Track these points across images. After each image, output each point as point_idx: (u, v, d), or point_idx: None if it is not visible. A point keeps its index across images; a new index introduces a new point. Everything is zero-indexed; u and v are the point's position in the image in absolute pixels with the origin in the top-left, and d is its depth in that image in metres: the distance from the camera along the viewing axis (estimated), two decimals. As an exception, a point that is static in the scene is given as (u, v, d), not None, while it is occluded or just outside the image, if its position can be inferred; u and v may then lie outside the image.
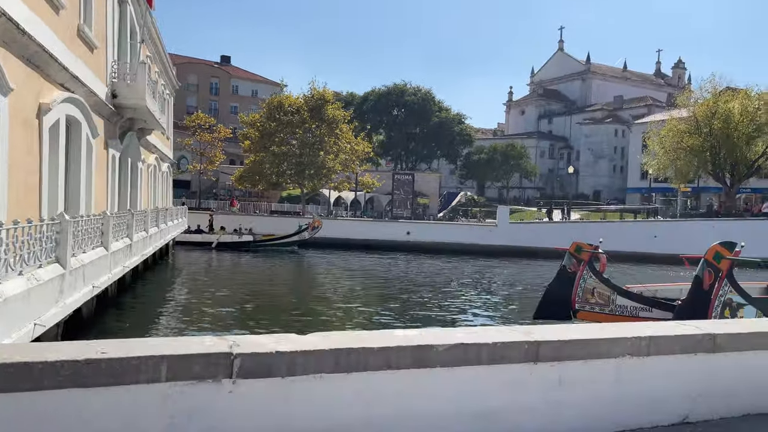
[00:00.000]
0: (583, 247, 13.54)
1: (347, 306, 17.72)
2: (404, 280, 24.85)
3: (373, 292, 21.34)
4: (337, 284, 23.39)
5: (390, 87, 69.65)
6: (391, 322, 15.12)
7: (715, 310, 10.31)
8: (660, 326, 3.72)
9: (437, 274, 27.88)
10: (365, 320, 15.37)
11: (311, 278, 26.45)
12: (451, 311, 17.19)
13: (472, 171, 71.67)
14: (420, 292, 21.02)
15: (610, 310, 13.25)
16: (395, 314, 16.41)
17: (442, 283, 24.10)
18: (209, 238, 37.07)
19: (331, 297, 20.01)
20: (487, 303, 19.25)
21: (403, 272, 28.76)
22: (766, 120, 46.84)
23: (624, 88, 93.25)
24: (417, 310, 17.19)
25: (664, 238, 39.13)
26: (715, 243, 10.47)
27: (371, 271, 28.39)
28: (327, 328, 13.45)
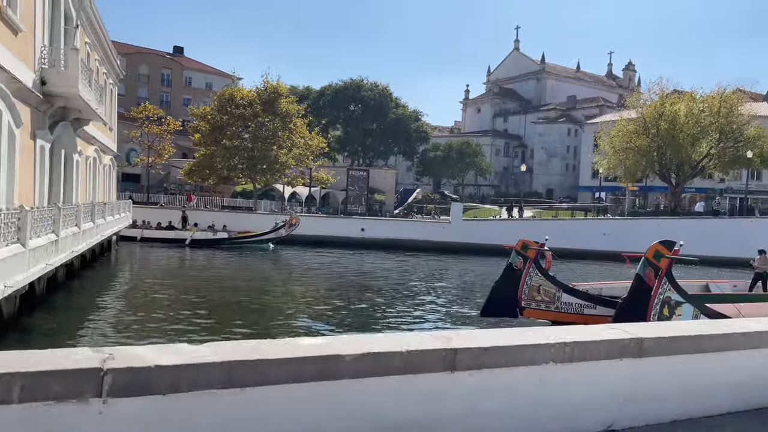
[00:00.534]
0: (530, 245, 13.60)
1: (294, 307, 17.30)
2: (355, 278, 24.63)
3: (322, 292, 21.03)
4: (288, 283, 22.97)
5: (347, 82, 69.15)
6: (337, 323, 14.85)
7: (654, 308, 10.45)
8: (586, 331, 3.60)
9: (389, 272, 27.77)
10: (310, 322, 15.02)
11: (261, 276, 25.93)
12: (396, 310, 16.96)
13: (429, 168, 72.00)
14: (369, 290, 20.82)
15: (555, 308, 13.35)
16: (341, 315, 16.11)
17: (393, 281, 23.97)
18: (182, 235, 36.38)
19: (278, 298, 19.53)
20: (433, 301, 19.10)
21: (355, 270, 28.54)
22: (709, 122, 48.59)
23: (577, 88, 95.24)
24: (363, 310, 16.92)
25: (613, 235, 40.05)
26: (655, 242, 10.60)
27: (323, 269, 28.07)
28: (267, 333, 13.05)
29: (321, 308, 17.32)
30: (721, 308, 11.50)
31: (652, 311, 10.42)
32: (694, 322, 3.82)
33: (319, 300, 19.14)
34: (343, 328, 14.10)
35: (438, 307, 17.76)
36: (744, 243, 34.06)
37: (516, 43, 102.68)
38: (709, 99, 50.14)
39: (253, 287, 21.21)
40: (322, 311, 16.87)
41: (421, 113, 71.56)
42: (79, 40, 18.44)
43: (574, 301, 13.26)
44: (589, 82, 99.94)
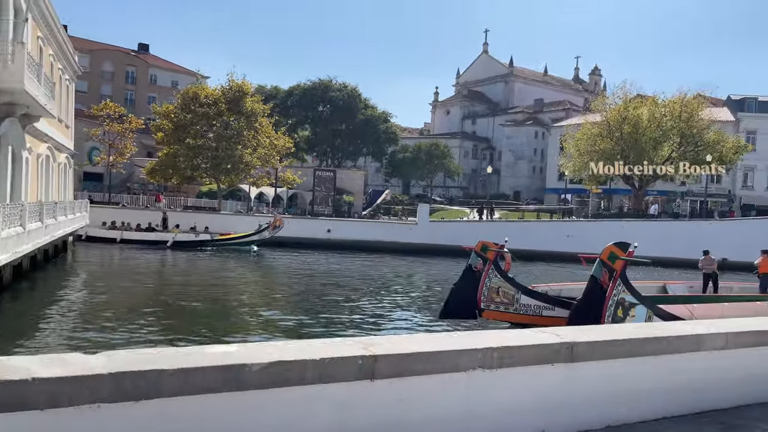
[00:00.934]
0: (489, 247, 13.60)
1: (251, 311, 16.87)
2: (318, 281, 24.37)
3: (284, 294, 20.72)
4: (250, 286, 22.57)
5: (315, 82, 68.74)
6: (288, 327, 14.55)
7: (608, 309, 10.51)
8: (516, 335, 3.51)
9: (353, 273, 27.58)
10: (259, 327, 14.68)
11: (225, 278, 25.44)
12: (353, 314, 16.62)
13: (397, 169, 72.07)
14: (328, 293, 20.58)
15: (514, 309, 13.38)
16: (295, 319, 15.75)
17: (355, 283, 23.76)
18: (164, 237, 35.61)
19: (235, 299, 19.11)
20: (393, 304, 18.88)
21: (319, 271, 28.27)
22: (670, 126, 49.65)
23: (544, 91, 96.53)
24: (318, 314, 16.58)
25: (577, 237, 40.59)
26: (610, 243, 10.68)
27: (287, 271, 27.74)
28: (209, 338, 12.72)
29: (275, 312, 16.96)
30: (673, 309, 11.65)
31: (607, 312, 10.48)
32: (629, 326, 3.79)
33: (276, 303, 18.79)
34: (294, 333, 13.76)
35: (396, 309, 17.50)
36: (702, 245, 34.79)
37: (485, 46, 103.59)
38: (671, 104, 51.26)
39: (213, 289, 20.80)
40: (276, 315, 16.55)
41: (390, 114, 71.68)
42: (30, 34, 17.78)
43: (532, 302, 13.30)
44: (556, 85, 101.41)
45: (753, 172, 63.38)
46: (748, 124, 63.11)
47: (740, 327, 4.41)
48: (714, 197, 62.83)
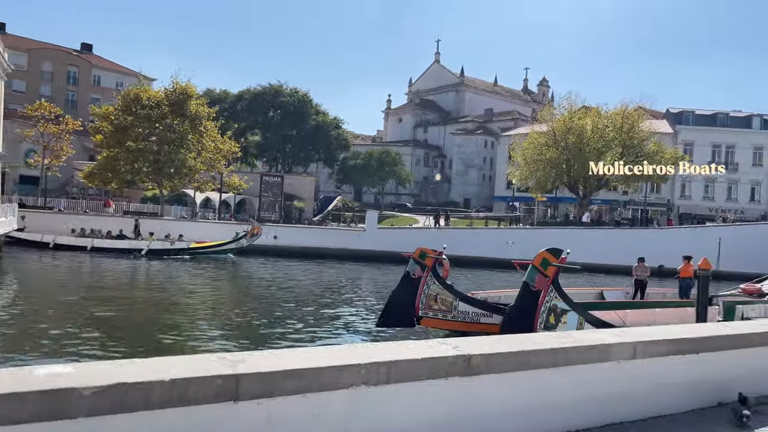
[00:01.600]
0: (428, 253, 13.48)
1: (179, 322, 16.13)
2: (257, 288, 23.76)
3: (221, 303, 20.03)
4: (187, 295, 21.73)
5: (265, 87, 67.83)
6: (211, 338, 13.97)
7: (541, 316, 10.51)
8: (409, 347, 3.29)
9: (297, 280, 27.07)
10: (193, 339, 14.08)
11: (168, 287, 24.50)
12: (288, 323, 15.90)
13: (349, 176, 71.80)
14: (269, 300, 20.07)
15: (452, 317, 13.28)
16: (224, 331, 15.10)
17: (297, 291, 23.28)
18: (137, 245, 34.78)
19: (167, 310, 18.30)
20: (331, 312, 18.33)
21: (263, 278, 27.65)
22: (612, 137, 51.18)
23: (494, 101, 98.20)
24: (250, 324, 15.99)
25: (521, 244, 41.21)
26: (543, 250, 10.69)
27: (229, 279, 26.98)
28: (129, 351, 12.09)
29: (215, 322, 16.38)
30: (605, 316, 11.77)
31: (539, 319, 10.48)
32: (538, 336, 3.63)
33: (205, 313, 18.08)
34: (216, 344, 13.23)
35: (333, 318, 16.92)
36: (642, 252, 35.89)
37: (437, 56, 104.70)
38: (613, 115, 52.89)
39: (145, 299, 20.01)
40: (218, 324, 15.99)
41: (341, 121, 71.44)
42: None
43: (470, 309, 13.24)
44: (505, 96, 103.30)
45: (690, 182, 65.96)
46: (685, 136, 65.71)
47: (650, 336, 4.33)
48: (654, 206, 65.09)
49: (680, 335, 4.53)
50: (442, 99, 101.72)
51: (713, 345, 4.69)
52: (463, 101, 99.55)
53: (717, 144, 66.05)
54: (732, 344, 4.83)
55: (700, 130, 65.88)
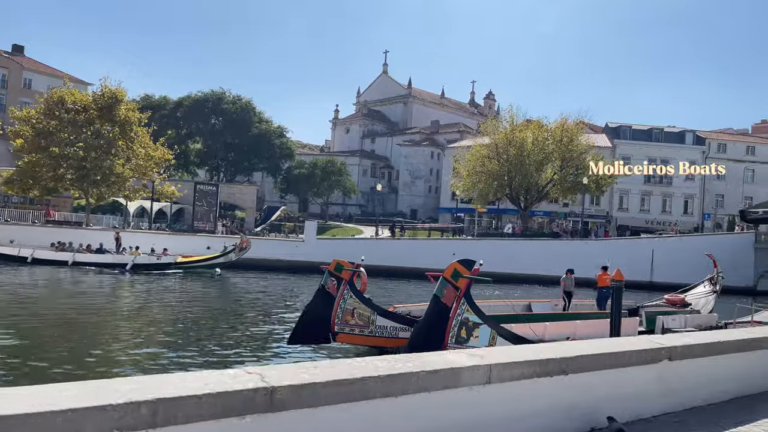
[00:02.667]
0: (344, 266, 12.88)
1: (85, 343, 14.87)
2: (179, 303, 22.60)
3: (137, 321, 18.78)
4: (101, 310, 20.36)
5: (207, 93, 66.13)
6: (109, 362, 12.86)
7: (452, 330, 10.06)
8: (195, 378, 2.65)
9: (224, 293, 25.99)
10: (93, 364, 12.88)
11: (80, 301, 23.01)
12: (192, 342, 14.76)
13: (293, 186, 70.66)
14: (182, 317, 18.98)
15: (370, 332, 12.71)
16: (124, 352, 13.91)
17: (219, 304, 22.23)
18: (122, 259, 33.68)
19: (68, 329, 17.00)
20: (245, 328, 16.96)
21: (187, 292, 26.40)
22: (552, 150, 52.05)
23: (441, 113, 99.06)
24: (159, 342, 14.90)
25: (462, 255, 41.19)
26: (455, 260, 10.25)
27: (151, 294, 25.56)
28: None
29: (126, 344, 15.18)
30: (522, 329, 11.43)
31: (450, 333, 10.02)
32: (375, 361, 3.01)
33: (128, 332, 16.90)
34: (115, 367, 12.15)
35: (242, 337, 15.48)
36: (578, 263, 36.42)
37: (384, 67, 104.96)
38: (553, 128, 53.87)
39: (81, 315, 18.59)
40: (129, 345, 14.82)
41: (286, 129, 70.36)
42: None
43: (389, 324, 12.70)
44: (452, 108, 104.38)
45: (627, 195, 67.90)
46: (623, 150, 67.66)
47: (511, 357, 3.86)
48: (594, 218, 66.63)
49: (546, 355, 4.07)
50: (390, 110, 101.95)
51: (583, 365, 4.26)
52: (411, 113, 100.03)
53: (653, 158, 68.23)
54: (604, 364, 4.41)
55: (636, 144, 68.01)
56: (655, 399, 4.88)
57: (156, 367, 11.56)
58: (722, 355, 5.33)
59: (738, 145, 70.19)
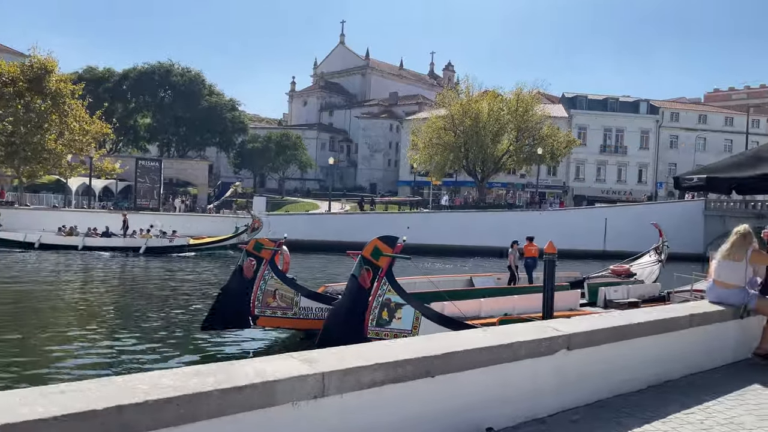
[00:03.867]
0: (264, 244, 12.01)
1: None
2: (112, 286, 21.36)
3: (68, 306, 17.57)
4: (41, 293, 19.01)
5: (154, 65, 63.30)
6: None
7: (372, 312, 9.35)
8: None
9: (151, 275, 24.75)
10: None
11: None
12: (102, 327, 13.87)
13: (247, 161, 68.81)
14: (106, 301, 17.85)
15: (293, 314, 11.93)
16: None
17: (150, 288, 21.00)
18: (135, 243, 33.04)
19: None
20: (161, 312, 15.81)
21: (126, 275, 25.09)
22: (507, 120, 51.66)
23: (400, 85, 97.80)
24: (67, 331, 13.78)
25: (417, 228, 40.68)
26: (375, 238, 9.51)
27: (84, 276, 24.18)
28: None
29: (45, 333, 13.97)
30: (449, 308, 10.82)
31: (370, 316, 9.32)
32: (150, 376, 2.03)
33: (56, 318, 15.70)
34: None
35: (156, 322, 14.37)
36: (534, 233, 36.29)
37: (342, 38, 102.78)
38: (509, 99, 53.39)
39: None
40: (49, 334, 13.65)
41: (238, 102, 68.16)
42: None
43: (314, 305, 11.94)
44: (411, 79, 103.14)
45: (584, 165, 68.34)
46: (579, 120, 67.87)
47: (352, 360, 3.11)
48: (551, 188, 66.99)
49: (405, 354, 3.35)
50: (348, 82, 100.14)
51: (457, 364, 3.56)
52: (369, 84, 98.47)
53: (608, 128, 68.73)
54: (487, 360, 3.72)
55: (592, 114, 68.26)
56: (553, 395, 4.25)
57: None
58: (630, 340, 4.74)
59: (690, 114, 71.20)
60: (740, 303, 5.80)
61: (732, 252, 5.86)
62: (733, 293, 5.82)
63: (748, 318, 6.03)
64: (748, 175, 9.50)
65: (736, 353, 5.96)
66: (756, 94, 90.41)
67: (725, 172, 10.23)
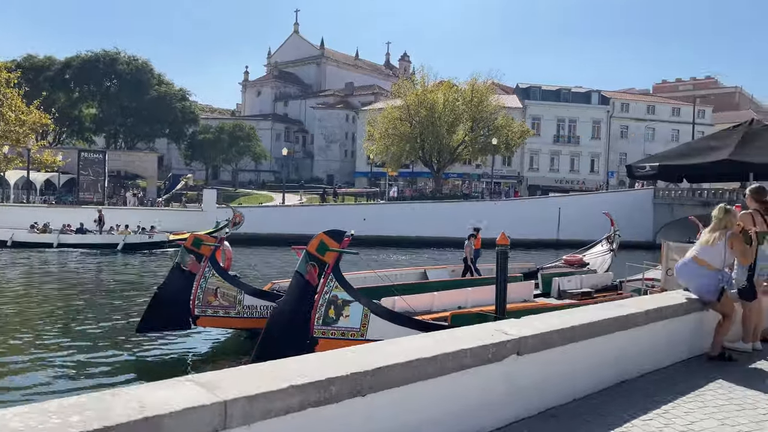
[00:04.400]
0: (204, 240, 11.34)
1: None
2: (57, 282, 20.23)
3: None
4: None
5: (99, 53, 60.62)
6: None
7: (318, 310, 8.85)
8: None
9: (89, 272, 23.65)
10: None
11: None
12: (25, 329, 13.11)
13: (199, 152, 66.90)
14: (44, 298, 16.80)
15: (236, 313, 11.32)
16: None
17: (85, 285, 19.97)
18: (112, 239, 32.04)
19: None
20: (96, 312, 15.02)
21: (88, 272, 23.88)
22: (462, 111, 51.64)
23: (356, 75, 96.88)
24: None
25: (373, 221, 40.27)
26: (321, 232, 9.00)
27: (45, 275, 22.83)
28: None
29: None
30: (399, 302, 10.41)
31: (317, 314, 8.82)
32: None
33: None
34: None
35: (86, 323, 13.50)
36: (490, 223, 36.30)
37: (296, 27, 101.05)
38: (464, 89, 53.35)
39: None
40: None
41: (188, 92, 66.03)
42: None
43: (259, 303, 11.35)
44: (366, 70, 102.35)
45: (538, 155, 69.16)
46: (533, 110, 68.55)
47: (265, 384, 2.63)
48: (506, 179, 67.54)
49: (328, 372, 2.85)
50: (303, 72, 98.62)
51: (391, 378, 3.11)
52: (324, 74, 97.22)
53: (561, 118, 69.66)
54: (424, 373, 3.28)
55: (546, 105, 69.02)
56: (502, 405, 3.87)
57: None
58: (585, 341, 4.40)
59: (639, 105, 72.85)
60: (715, 286, 5.59)
61: (713, 234, 5.66)
62: (709, 274, 5.62)
63: (704, 311, 5.82)
64: (698, 163, 9.45)
65: (692, 348, 5.74)
66: (701, 85, 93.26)
67: (676, 160, 10.15)
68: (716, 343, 5.69)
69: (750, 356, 5.73)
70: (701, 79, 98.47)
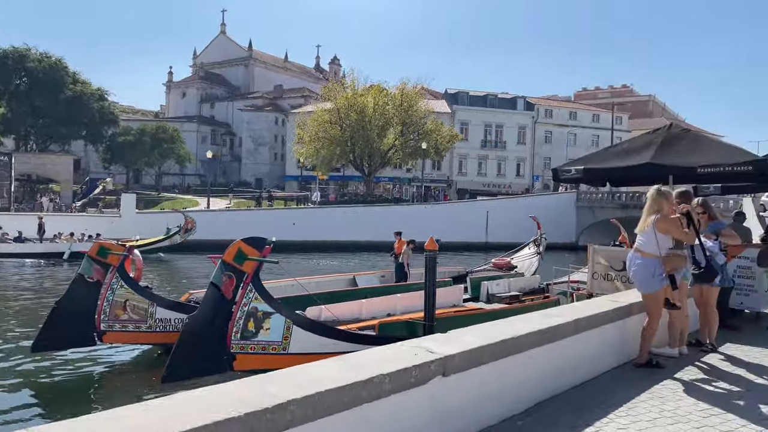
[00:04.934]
0: (110, 249, 10.43)
1: None
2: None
3: None
4: None
5: (7, 49, 56.56)
6: None
7: (237, 323, 8.24)
8: None
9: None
10: None
11: None
12: None
13: (118, 155, 63.69)
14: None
15: (148, 327, 10.48)
16: None
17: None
18: (56, 248, 30.22)
19: None
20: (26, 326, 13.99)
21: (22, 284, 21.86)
22: (392, 115, 51.71)
23: (285, 78, 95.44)
24: None
25: (302, 225, 39.52)
26: (239, 239, 8.39)
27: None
28: None
29: None
30: (325, 312, 9.94)
31: (234, 327, 8.20)
32: None
33: None
34: None
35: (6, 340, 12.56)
36: (422, 227, 36.35)
37: (223, 27, 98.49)
38: (394, 93, 53.45)
39: None
40: None
41: (107, 92, 62.66)
42: None
43: (173, 316, 10.56)
44: (296, 72, 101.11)
45: (466, 159, 70.29)
46: (461, 115, 69.65)
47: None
48: (436, 182, 68.23)
49: (224, 413, 2.38)
50: (230, 73, 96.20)
51: (291, 417, 2.65)
52: (253, 76, 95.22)
53: (489, 124, 71.15)
54: (328, 406, 2.84)
55: (473, 110, 70.30)
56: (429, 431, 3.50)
57: None
58: (514, 356, 4.11)
59: (562, 111, 75.48)
60: (648, 275, 5.35)
61: (646, 219, 5.39)
62: (644, 262, 5.37)
63: (628, 317, 5.69)
64: (621, 166, 9.55)
65: (619, 356, 5.61)
66: (618, 93, 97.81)
67: (600, 164, 10.22)
68: (643, 350, 5.56)
69: (677, 361, 5.65)
70: (618, 87, 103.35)
